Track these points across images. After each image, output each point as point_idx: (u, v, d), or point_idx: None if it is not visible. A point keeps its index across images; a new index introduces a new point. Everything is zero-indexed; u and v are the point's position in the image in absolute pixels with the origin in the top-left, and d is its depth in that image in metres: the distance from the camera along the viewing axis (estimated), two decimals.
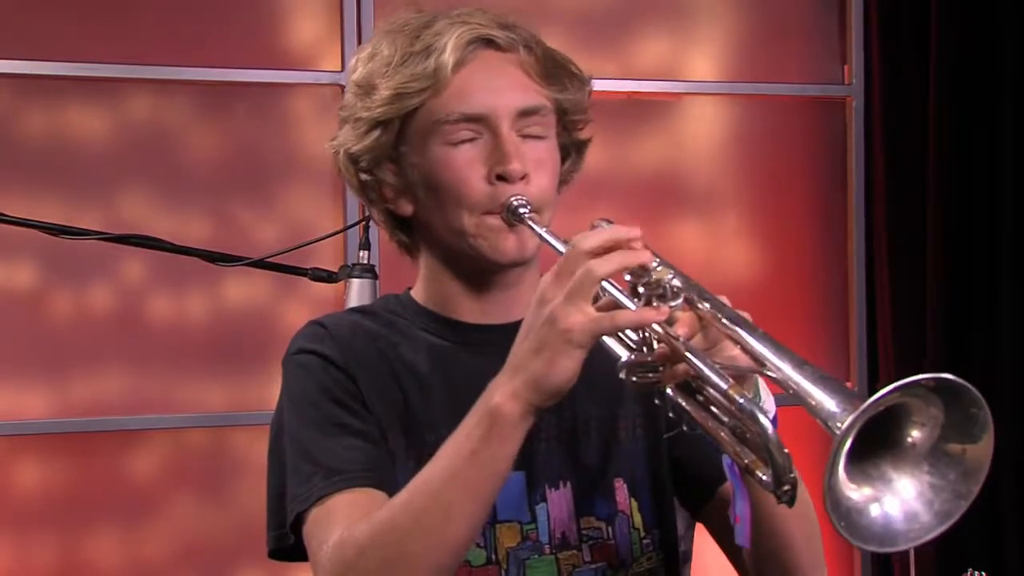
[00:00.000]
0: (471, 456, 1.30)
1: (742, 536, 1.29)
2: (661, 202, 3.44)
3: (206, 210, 3.09)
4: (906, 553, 3.26)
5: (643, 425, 1.53)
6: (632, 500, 1.51)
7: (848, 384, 3.50)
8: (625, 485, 1.52)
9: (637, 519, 1.52)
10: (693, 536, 1.62)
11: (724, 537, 1.52)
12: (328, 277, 2.33)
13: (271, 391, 1.53)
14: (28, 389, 3.00)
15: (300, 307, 3.12)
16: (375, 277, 2.28)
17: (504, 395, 1.29)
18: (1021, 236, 3.39)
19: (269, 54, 3.15)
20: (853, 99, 3.51)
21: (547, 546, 1.47)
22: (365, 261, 2.30)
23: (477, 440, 1.29)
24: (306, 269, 2.34)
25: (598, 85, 3.30)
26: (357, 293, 2.26)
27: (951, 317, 3.42)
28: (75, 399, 3.02)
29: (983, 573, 2.41)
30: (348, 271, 2.29)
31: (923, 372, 1.13)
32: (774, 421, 1.29)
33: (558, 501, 1.48)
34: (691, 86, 3.47)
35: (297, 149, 3.13)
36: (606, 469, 1.51)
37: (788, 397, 1.21)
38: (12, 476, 3.00)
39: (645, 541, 1.52)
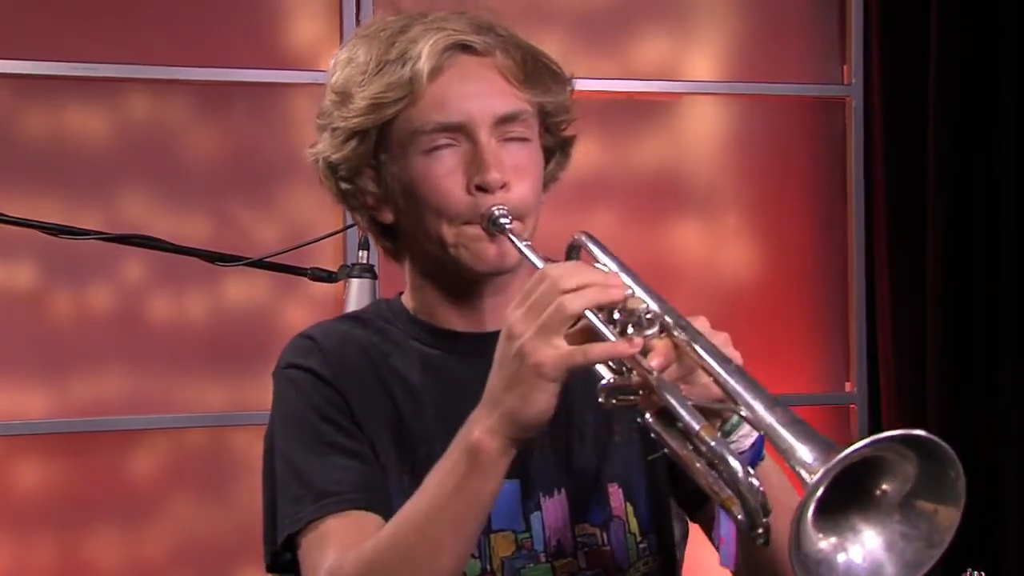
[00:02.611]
0: (455, 491, 1.30)
1: (727, 558, 1.27)
2: (661, 202, 3.44)
3: (206, 210, 3.09)
4: None
5: (638, 429, 1.51)
6: (627, 505, 1.51)
7: (848, 382, 3.51)
8: (620, 490, 1.51)
9: (633, 524, 1.51)
10: (685, 547, 1.62)
11: None
12: (328, 277, 2.33)
13: (270, 391, 1.53)
14: (28, 389, 3.00)
15: (300, 307, 3.12)
16: (375, 277, 2.28)
17: (482, 430, 1.28)
18: (1021, 236, 3.39)
19: (269, 54, 3.15)
20: (853, 99, 3.50)
21: (542, 555, 1.47)
22: (365, 261, 2.30)
23: (460, 476, 1.29)
24: (306, 269, 2.35)
25: (598, 85, 3.33)
26: (357, 293, 2.26)
27: (951, 317, 3.42)
28: (75, 399, 3.02)
29: (983, 573, 2.40)
30: (348, 271, 2.29)
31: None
32: (759, 442, 1.27)
33: (553, 509, 1.48)
34: (691, 86, 3.47)
35: (297, 149, 3.10)
36: (600, 474, 1.50)
37: None
38: (12, 476, 2.99)
39: (642, 546, 1.51)
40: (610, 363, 1.30)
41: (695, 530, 1.59)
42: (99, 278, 3.03)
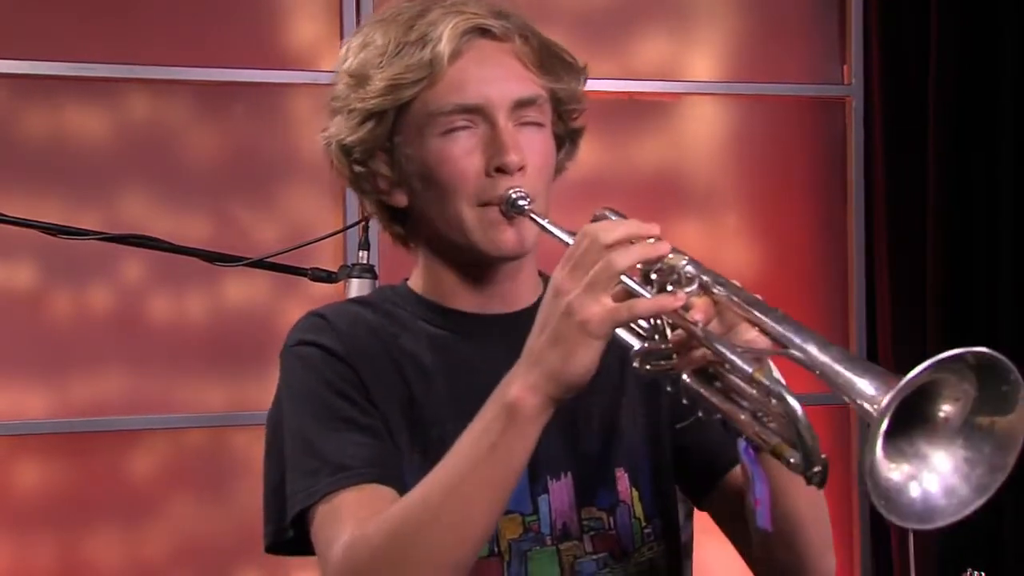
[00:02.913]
0: (490, 451, 1.29)
1: (763, 519, 1.27)
2: (661, 202, 3.44)
3: (206, 210, 3.09)
4: (905, 551, 3.26)
5: (644, 413, 1.53)
6: (633, 489, 1.51)
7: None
8: (626, 474, 1.51)
9: (638, 508, 1.51)
10: (692, 526, 1.62)
11: (730, 524, 1.52)
12: (328, 277, 2.33)
13: (271, 391, 1.52)
14: (28, 389, 3.00)
15: (300, 307, 3.10)
16: (375, 277, 2.28)
17: (522, 388, 1.28)
18: (1021, 236, 3.39)
19: (269, 54, 3.15)
20: (853, 99, 3.51)
21: (548, 537, 1.47)
22: (365, 261, 2.30)
23: (495, 434, 1.28)
24: (306, 269, 2.34)
25: (598, 85, 3.33)
26: (357, 293, 2.26)
27: (951, 317, 3.42)
28: (75, 399, 3.02)
29: (983, 573, 2.40)
30: (348, 271, 2.29)
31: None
32: None
33: (559, 492, 1.48)
34: (691, 86, 3.47)
35: (297, 149, 3.13)
36: (607, 458, 1.51)
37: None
38: (12, 476, 2.99)
39: (647, 531, 1.51)
40: (640, 331, 1.30)
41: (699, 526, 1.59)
42: (99, 278, 3.03)
